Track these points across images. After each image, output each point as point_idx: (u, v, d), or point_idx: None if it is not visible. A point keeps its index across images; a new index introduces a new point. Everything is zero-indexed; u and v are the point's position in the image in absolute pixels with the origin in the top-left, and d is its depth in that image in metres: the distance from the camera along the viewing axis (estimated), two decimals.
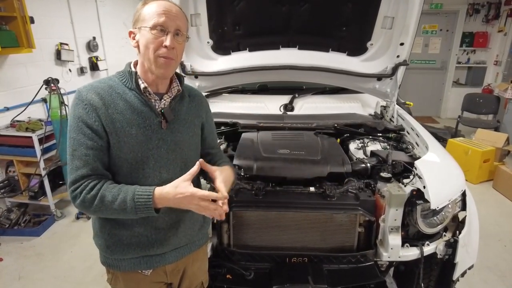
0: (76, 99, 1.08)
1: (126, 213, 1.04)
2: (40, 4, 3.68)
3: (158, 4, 1.08)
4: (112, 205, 1.03)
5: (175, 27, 1.08)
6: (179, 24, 1.10)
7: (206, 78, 2.54)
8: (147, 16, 1.07)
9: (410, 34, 2.23)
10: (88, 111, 1.06)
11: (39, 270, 2.67)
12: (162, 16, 1.06)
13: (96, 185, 1.05)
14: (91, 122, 1.06)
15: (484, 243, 2.90)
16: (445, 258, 1.67)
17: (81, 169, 1.05)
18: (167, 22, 1.06)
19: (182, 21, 1.11)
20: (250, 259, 1.66)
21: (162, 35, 1.07)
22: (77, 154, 1.05)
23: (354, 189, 1.67)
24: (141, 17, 1.09)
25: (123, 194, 1.04)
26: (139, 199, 1.03)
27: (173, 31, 1.08)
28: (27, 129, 3.12)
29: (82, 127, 1.06)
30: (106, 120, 1.07)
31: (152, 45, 1.07)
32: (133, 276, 1.25)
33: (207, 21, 2.29)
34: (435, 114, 7.16)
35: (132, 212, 1.03)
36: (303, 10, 2.25)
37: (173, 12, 1.09)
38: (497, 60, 6.34)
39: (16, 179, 3.28)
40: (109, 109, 1.08)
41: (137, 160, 1.11)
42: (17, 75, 3.45)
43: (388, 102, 2.60)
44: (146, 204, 1.03)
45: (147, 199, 1.03)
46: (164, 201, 1.04)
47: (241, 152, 1.89)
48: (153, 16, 1.06)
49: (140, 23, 1.09)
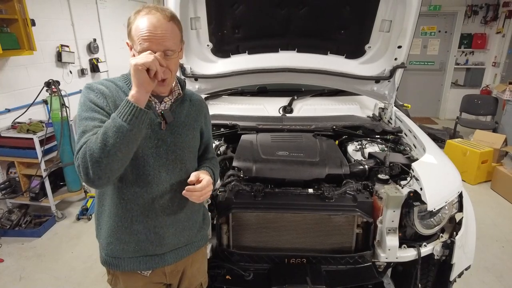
0: (87, 89, 1.13)
1: (121, 128, 0.97)
2: (41, 6, 3.70)
3: (144, 23, 1.04)
4: (107, 132, 0.97)
5: (162, 49, 1.05)
6: (166, 45, 1.06)
7: (206, 81, 2.56)
8: (135, 36, 1.05)
9: (407, 37, 2.25)
10: (99, 97, 1.11)
11: (39, 271, 2.69)
12: (146, 41, 1.03)
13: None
14: (102, 104, 1.10)
15: (482, 244, 2.92)
16: (442, 259, 1.68)
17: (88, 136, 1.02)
18: (151, 46, 1.03)
19: (170, 38, 1.06)
20: (249, 260, 1.68)
21: None
22: (88, 128, 1.04)
23: (352, 191, 1.69)
24: (132, 35, 1.07)
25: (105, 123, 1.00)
26: (120, 108, 0.99)
27: (161, 53, 1.05)
28: (28, 130, 3.13)
29: (94, 107, 1.09)
30: (114, 108, 1.08)
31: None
32: (132, 276, 1.27)
33: (207, 25, 2.31)
34: (434, 115, 7.18)
35: (125, 122, 0.97)
36: (302, 13, 2.27)
37: (158, 33, 1.04)
38: (496, 61, 6.36)
39: (17, 181, 3.30)
40: (116, 101, 1.11)
41: (138, 156, 1.13)
42: (18, 77, 3.47)
43: (386, 104, 2.62)
44: (128, 105, 0.98)
45: (125, 102, 0.99)
46: (133, 91, 0.99)
47: (241, 154, 1.90)
48: (140, 39, 1.04)
49: (131, 42, 1.09)
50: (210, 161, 1.38)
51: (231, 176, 1.77)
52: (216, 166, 1.41)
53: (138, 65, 0.97)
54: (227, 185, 1.72)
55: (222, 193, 1.68)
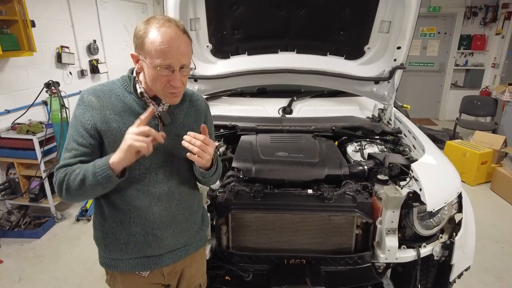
0: (79, 100, 1.16)
1: (89, 182, 1.04)
2: (41, 7, 3.71)
3: (164, 37, 1.02)
4: (77, 177, 1.06)
5: (180, 64, 1.07)
6: (185, 60, 1.07)
7: (206, 82, 2.57)
8: (152, 50, 1.03)
9: (407, 38, 2.26)
10: (85, 112, 1.13)
11: (39, 272, 2.69)
12: (167, 57, 1.03)
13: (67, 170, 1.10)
14: (84, 121, 1.12)
15: (482, 245, 2.92)
16: (441, 259, 1.68)
17: (68, 159, 1.12)
18: (173, 62, 1.04)
19: (187, 55, 1.08)
20: (249, 261, 1.68)
21: (167, 73, 1.06)
22: (68, 148, 1.14)
23: (351, 192, 1.68)
24: (145, 48, 1.04)
25: (87, 166, 1.07)
26: (98, 163, 1.05)
27: (178, 68, 1.07)
28: (27, 131, 3.13)
29: (77, 126, 1.13)
30: (100, 120, 1.12)
31: (159, 82, 1.08)
32: (130, 277, 1.27)
33: (207, 26, 2.32)
34: (434, 116, 7.18)
35: (93, 179, 1.04)
36: (301, 14, 2.28)
37: (179, 49, 1.05)
38: (495, 62, 6.37)
39: (16, 181, 3.30)
40: (106, 110, 1.13)
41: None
42: (18, 78, 3.47)
43: (385, 105, 2.63)
44: (103, 166, 1.03)
45: (104, 162, 1.04)
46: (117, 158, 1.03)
47: (240, 155, 1.91)
48: (158, 53, 1.03)
49: (144, 55, 1.06)
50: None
51: (231, 177, 1.77)
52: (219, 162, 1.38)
53: (133, 147, 1.00)
54: (227, 185, 1.72)
55: (221, 194, 1.68)
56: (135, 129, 1.02)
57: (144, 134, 1.01)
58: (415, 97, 6.80)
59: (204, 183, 1.37)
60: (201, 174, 1.24)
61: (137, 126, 1.03)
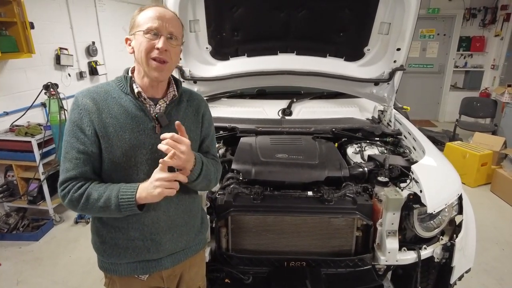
0: (73, 104, 1.13)
1: (110, 211, 1.07)
2: (40, 9, 3.71)
3: (153, 10, 1.11)
4: (97, 203, 1.07)
5: (168, 31, 1.10)
6: (172, 29, 1.11)
7: (205, 83, 2.56)
8: (142, 21, 1.10)
9: (406, 40, 2.26)
10: (82, 116, 1.10)
11: (37, 275, 2.67)
12: (156, 21, 1.08)
13: (83, 185, 1.09)
14: (84, 127, 1.10)
15: (482, 247, 2.91)
16: (442, 261, 1.68)
17: (71, 171, 1.09)
18: (160, 26, 1.08)
19: (176, 26, 1.13)
20: (249, 263, 1.66)
21: (155, 38, 1.09)
22: (68, 157, 1.10)
23: (351, 193, 1.68)
24: (136, 23, 1.12)
25: (108, 191, 1.07)
26: (123, 196, 1.05)
27: (165, 35, 1.10)
28: (26, 133, 3.12)
29: (76, 131, 1.10)
30: (99, 124, 1.10)
31: (144, 48, 1.08)
32: (129, 281, 1.26)
33: (206, 27, 2.31)
34: (433, 117, 7.19)
35: (116, 210, 1.06)
36: (301, 16, 2.28)
37: (167, 17, 1.11)
38: (494, 64, 6.39)
39: (15, 184, 3.28)
40: (103, 114, 1.11)
41: (131, 165, 1.12)
42: (17, 80, 3.46)
43: (385, 107, 2.63)
44: (129, 201, 1.05)
45: (130, 196, 1.05)
46: (144, 200, 1.06)
47: (240, 157, 1.90)
48: (147, 20, 1.09)
49: (135, 29, 1.12)
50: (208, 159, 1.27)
51: (230, 179, 1.76)
52: (215, 165, 1.32)
53: (164, 195, 1.04)
54: (226, 187, 1.71)
55: (221, 196, 1.67)
56: (163, 175, 1.04)
57: (172, 179, 1.05)
58: (415, 99, 6.80)
59: (197, 189, 1.30)
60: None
61: (161, 170, 1.04)
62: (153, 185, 1.04)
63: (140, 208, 1.09)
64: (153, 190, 1.04)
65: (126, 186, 1.08)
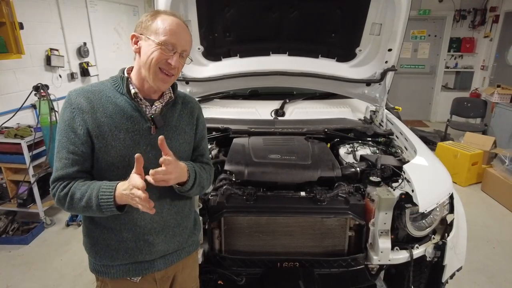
0: (66, 102, 1.11)
1: (93, 211, 1.07)
2: (29, 9, 3.66)
3: (172, 21, 1.09)
4: (80, 202, 1.06)
5: (183, 49, 1.11)
6: (187, 47, 1.14)
7: (197, 84, 2.55)
8: (160, 29, 1.07)
9: (397, 40, 2.27)
10: (75, 115, 1.09)
11: (27, 279, 2.63)
12: (174, 37, 1.08)
13: (68, 184, 1.08)
14: (75, 126, 1.08)
15: (473, 245, 2.94)
16: (434, 260, 1.69)
17: (59, 171, 1.09)
18: (177, 43, 1.09)
19: (189, 43, 1.15)
20: (242, 265, 1.66)
21: (168, 52, 1.08)
22: (59, 156, 1.10)
23: (344, 194, 1.69)
24: (153, 27, 1.08)
25: (90, 191, 1.06)
26: (102, 196, 1.04)
27: (179, 51, 1.11)
28: (15, 135, 3.07)
29: (67, 131, 1.09)
30: (92, 124, 1.09)
31: (156, 57, 1.07)
32: (122, 283, 1.24)
33: (198, 28, 2.30)
34: (425, 118, 7.26)
35: (98, 210, 1.05)
36: (293, 17, 2.28)
37: (183, 34, 1.12)
38: (484, 65, 6.48)
39: (4, 187, 3.22)
40: (97, 113, 1.10)
41: (125, 165, 1.11)
42: (6, 81, 3.41)
43: (377, 107, 2.64)
44: (108, 201, 1.04)
45: (109, 197, 1.04)
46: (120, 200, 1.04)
47: (232, 158, 1.89)
48: (166, 32, 1.07)
49: (150, 33, 1.08)
50: (202, 165, 1.30)
51: (223, 180, 1.76)
52: (208, 170, 1.33)
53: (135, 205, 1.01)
54: (219, 189, 1.70)
55: (213, 197, 1.67)
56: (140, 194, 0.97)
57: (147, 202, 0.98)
58: (407, 99, 6.86)
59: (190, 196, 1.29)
60: (178, 190, 1.17)
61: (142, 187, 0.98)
62: (131, 197, 0.99)
63: (120, 209, 1.06)
64: (130, 200, 1.00)
65: (105, 185, 1.05)
